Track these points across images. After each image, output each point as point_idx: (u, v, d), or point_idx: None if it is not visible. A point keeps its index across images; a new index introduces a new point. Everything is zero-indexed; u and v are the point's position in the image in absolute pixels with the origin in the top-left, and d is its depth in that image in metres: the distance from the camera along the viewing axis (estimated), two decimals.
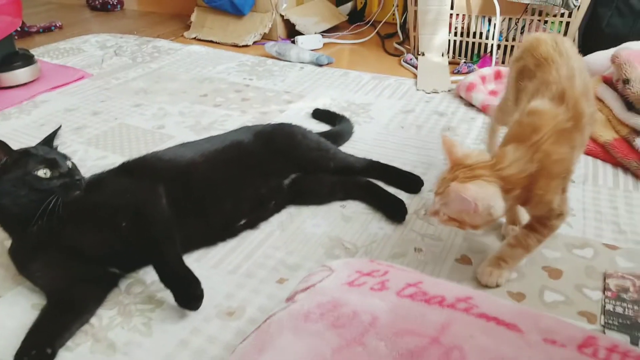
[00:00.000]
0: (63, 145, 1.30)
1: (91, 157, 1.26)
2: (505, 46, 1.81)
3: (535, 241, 0.80)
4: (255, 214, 0.99)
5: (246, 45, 2.19)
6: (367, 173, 1.10)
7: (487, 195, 0.71)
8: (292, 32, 2.24)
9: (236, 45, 2.19)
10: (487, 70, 1.62)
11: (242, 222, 0.96)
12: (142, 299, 0.82)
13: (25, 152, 0.80)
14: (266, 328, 0.64)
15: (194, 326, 0.76)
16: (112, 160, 1.23)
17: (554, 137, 0.74)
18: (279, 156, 1.04)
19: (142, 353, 0.72)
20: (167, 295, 0.79)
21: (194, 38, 2.31)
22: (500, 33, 1.80)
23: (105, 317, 0.79)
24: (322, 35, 2.19)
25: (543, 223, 0.80)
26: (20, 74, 1.71)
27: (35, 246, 0.79)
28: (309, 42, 2.11)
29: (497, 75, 1.63)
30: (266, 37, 2.23)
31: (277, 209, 1.03)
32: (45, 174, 0.77)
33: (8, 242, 0.85)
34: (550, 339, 0.57)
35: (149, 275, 0.86)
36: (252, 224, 0.98)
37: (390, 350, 0.55)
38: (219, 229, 0.94)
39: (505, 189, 0.73)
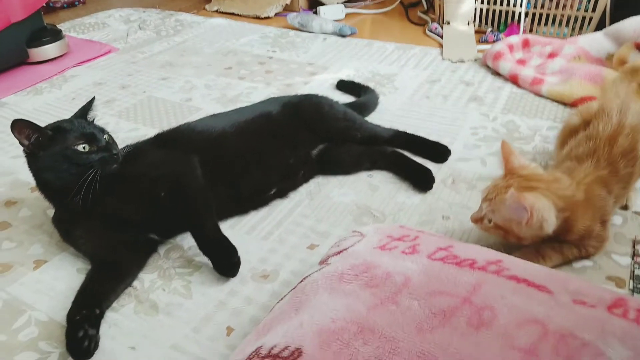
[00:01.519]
0: (95, 118, 1.35)
1: (123, 129, 1.29)
2: (534, 14, 1.77)
3: (576, 253, 0.79)
4: (284, 184, 1.01)
5: (268, 17, 2.18)
6: (393, 143, 1.11)
7: (543, 208, 0.71)
8: (313, 2, 2.22)
9: (258, 17, 2.19)
10: (515, 39, 1.58)
11: (273, 191, 0.99)
12: (181, 263, 0.86)
13: (60, 127, 0.82)
14: (302, 288, 0.67)
15: (231, 288, 0.80)
16: (144, 132, 1.26)
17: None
18: (306, 127, 1.06)
19: (183, 313, 0.76)
20: (204, 260, 0.83)
21: (216, 11, 2.31)
22: (529, 0, 1.75)
23: (146, 280, 0.83)
24: (344, 5, 2.16)
25: (582, 243, 0.79)
26: (50, 49, 1.74)
27: (77, 215, 0.83)
28: (331, 12, 2.09)
29: (525, 44, 1.59)
30: (288, 9, 2.21)
31: (306, 179, 1.05)
32: (84, 148, 0.80)
33: (51, 211, 0.89)
34: (580, 300, 0.59)
35: (186, 240, 0.90)
36: (282, 194, 1.01)
37: (423, 309, 0.57)
38: (250, 198, 0.97)
39: (559, 208, 0.73)
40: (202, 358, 0.69)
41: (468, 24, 1.83)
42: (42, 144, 0.79)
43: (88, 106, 0.92)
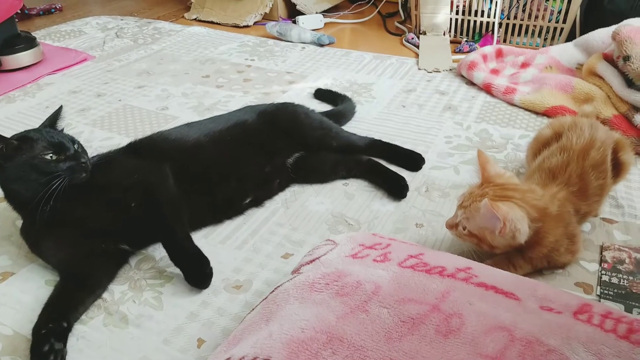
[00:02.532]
0: (68, 127, 1.33)
1: (97, 138, 1.27)
2: (507, 24, 1.81)
3: (545, 264, 0.80)
4: (260, 193, 1.01)
5: (247, 26, 2.18)
6: (369, 151, 1.11)
7: (517, 218, 0.72)
8: (292, 12, 2.23)
9: (237, 26, 2.19)
10: (489, 49, 1.62)
11: (248, 200, 0.99)
12: (152, 274, 0.85)
13: (27, 137, 0.80)
14: (273, 298, 0.66)
15: (203, 299, 0.79)
16: (118, 141, 1.25)
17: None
18: (282, 135, 1.06)
19: (153, 325, 0.75)
20: (176, 271, 0.82)
21: (195, 19, 2.30)
22: (502, 11, 1.80)
23: (117, 291, 0.81)
24: (323, 14, 2.18)
25: (551, 255, 0.79)
26: (23, 57, 1.71)
27: (45, 226, 0.81)
28: (310, 21, 2.10)
29: (499, 54, 1.63)
30: (267, 17, 2.22)
31: (282, 187, 1.05)
32: (51, 157, 0.78)
33: (20, 222, 0.87)
34: (547, 307, 0.60)
35: (157, 251, 0.89)
36: (258, 202, 1.01)
37: (393, 317, 0.58)
38: (225, 207, 0.97)
39: (532, 218, 0.74)
40: None
41: (444, 34, 1.86)
42: (8, 155, 0.78)
43: (56, 115, 0.90)
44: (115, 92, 1.55)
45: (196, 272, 0.80)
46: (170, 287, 0.82)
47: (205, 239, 0.92)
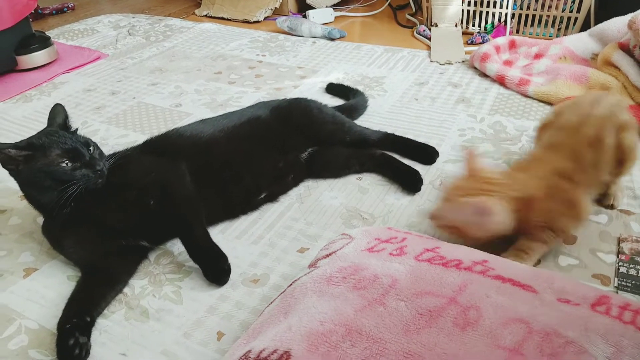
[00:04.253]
0: (84, 125, 1.35)
1: (112, 136, 1.29)
2: (520, 15, 1.79)
3: (552, 235, 0.80)
4: (274, 188, 1.01)
5: (257, 21, 2.19)
6: (382, 145, 1.12)
7: (498, 212, 0.74)
8: (303, 6, 2.23)
9: (247, 22, 2.19)
10: (502, 40, 1.60)
11: (262, 195, 0.99)
12: (171, 268, 0.86)
13: (40, 143, 0.79)
14: (291, 292, 0.67)
15: (222, 293, 0.80)
16: (133, 138, 1.27)
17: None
18: (295, 131, 1.06)
19: (173, 319, 0.76)
20: (195, 265, 0.84)
21: (205, 15, 2.31)
22: (515, 1, 1.77)
23: (137, 286, 0.83)
24: (333, 8, 2.18)
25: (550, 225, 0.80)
26: (38, 57, 1.73)
27: (65, 225, 0.82)
28: (320, 16, 2.10)
29: (512, 45, 1.61)
30: (277, 12, 2.22)
31: (296, 182, 1.05)
32: (67, 164, 0.78)
33: (41, 219, 0.89)
34: (564, 299, 0.60)
35: (176, 246, 0.90)
36: (272, 198, 1.01)
37: (410, 310, 0.58)
38: (241, 202, 0.98)
39: (514, 209, 0.75)
40: None
41: (456, 25, 1.85)
42: (23, 161, 0.78)
43: (60, 113, 0.88)
44: (129, 89, 1.57)
45: (214, 269, 0.81)
46: (189, 282, 0.83)
47: (222, 234, 0.93)
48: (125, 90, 1.56)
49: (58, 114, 0.89)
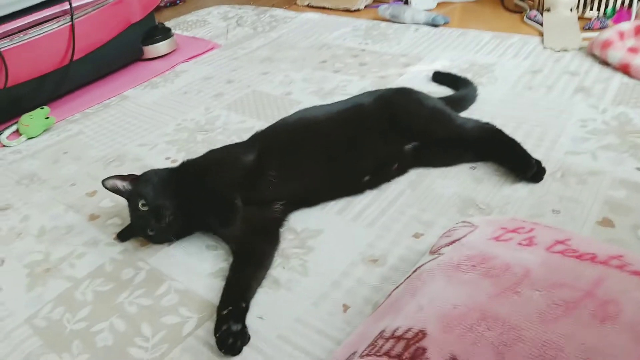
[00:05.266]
0: (207, 110, 1.47)
1: (233, 121, 1.40)
2: None
3: None
4: (377, 174, 1.04)
5: (358, 10, 2.21)
6: (481, 145, 1.06)
7: None
8: None
9: (348, 10, 2.23)
10: (626, 25, 1.49)
11: (366, 178, 1.03)
12: (296, 244, 0.93)
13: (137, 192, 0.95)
14: (417, 276, 0.70)
15: (343, 270, 0.86)
16: (251, 124, 1.36)
17: None
18: (394, 122, 1.06)
19: (302, 290, 0.83)
20: (316, 242, 0.90)
21: (307, 5, 2.38)
22: None
23: None
24: None
25: None
26: (162, 47, 1.91)
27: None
28: (423, 1, 2.08)
29: (638, 31, 1.49)
30: (377, 0, 2.23)
31: (401, 171, 1.07)
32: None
33: None
34: None
35: (299, 224, 0.98)
36: (375, 183, 1.04)
37: (545, 300, 0.59)
38: (344, 182, 1.03)
39: None
40: (323, 331, 0.75)
41: (571, 10, 1.74)
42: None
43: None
44: (243, 78, 1.68)
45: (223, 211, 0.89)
46: (313, 257, 0.90)
47: (339, 215, 0.99)
48: (240, 79, 1.67)
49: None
